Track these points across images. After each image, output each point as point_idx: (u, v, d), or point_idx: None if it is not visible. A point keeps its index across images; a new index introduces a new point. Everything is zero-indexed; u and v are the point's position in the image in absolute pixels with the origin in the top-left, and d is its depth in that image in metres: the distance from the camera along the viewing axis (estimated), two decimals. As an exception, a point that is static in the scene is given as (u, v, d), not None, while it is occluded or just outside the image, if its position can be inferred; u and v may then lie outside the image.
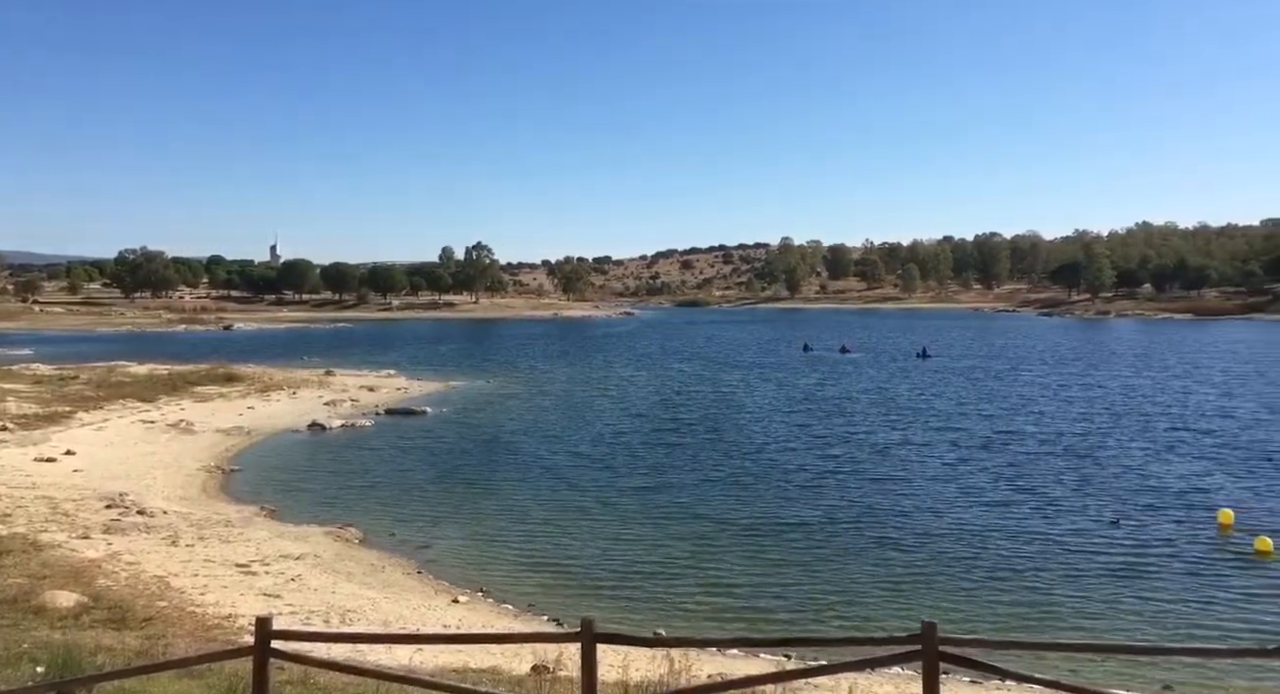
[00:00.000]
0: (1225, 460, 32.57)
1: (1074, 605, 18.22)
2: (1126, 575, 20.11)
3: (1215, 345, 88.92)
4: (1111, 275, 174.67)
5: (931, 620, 7.07)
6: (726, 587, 19.55)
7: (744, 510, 25.77)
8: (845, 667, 8.12)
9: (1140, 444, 35.83)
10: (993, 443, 36.19)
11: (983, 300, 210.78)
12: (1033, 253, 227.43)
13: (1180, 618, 17.54)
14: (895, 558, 21.27)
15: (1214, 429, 39.00)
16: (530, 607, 18.48)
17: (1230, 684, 13.02)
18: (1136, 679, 13.52)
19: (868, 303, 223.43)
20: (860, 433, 38.96)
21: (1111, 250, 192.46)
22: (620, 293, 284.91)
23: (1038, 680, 7.05)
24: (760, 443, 36.74)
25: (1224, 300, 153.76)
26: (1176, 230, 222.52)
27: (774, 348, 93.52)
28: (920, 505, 26.07)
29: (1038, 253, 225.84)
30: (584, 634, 7.26)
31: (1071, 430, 39.01)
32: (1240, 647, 7.94)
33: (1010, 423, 41.05)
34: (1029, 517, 25.07)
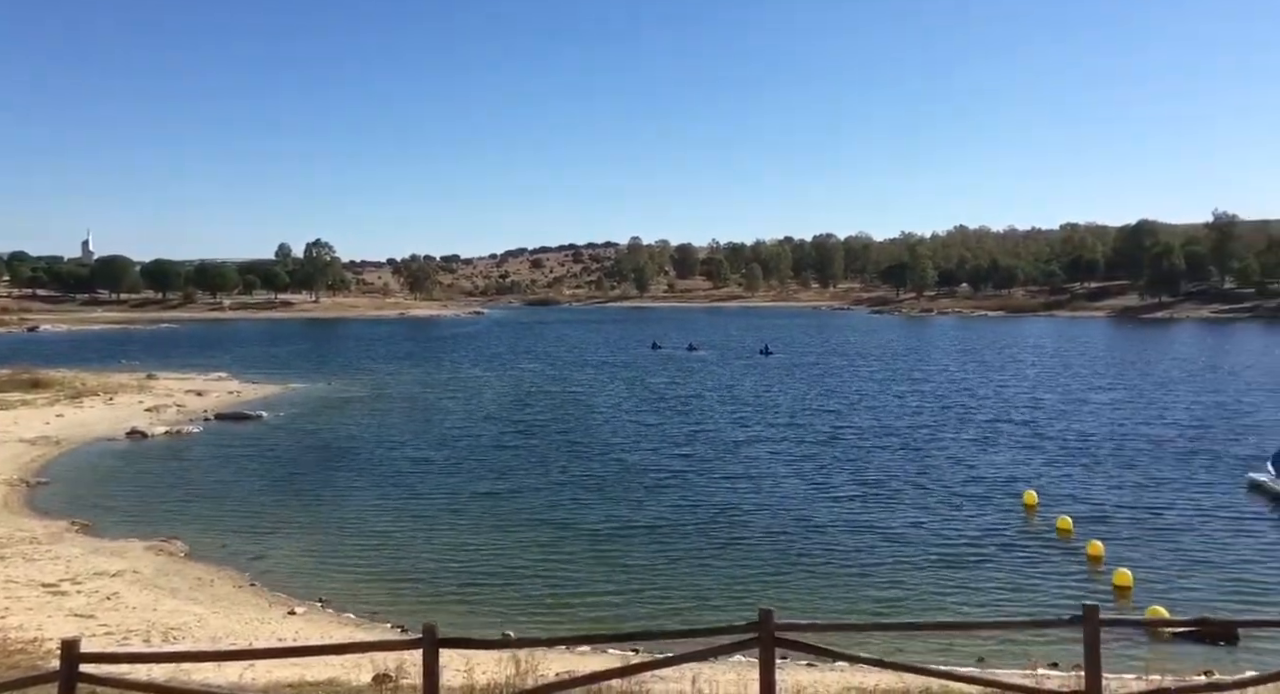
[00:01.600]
0: (1033, 447, 35.50)
1: (901, 588, 19.35)
2: (946, 558, 21.56)
3: (1024, 341, 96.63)
4: (934, 275, 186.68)
5: (769, 608, 7.36)
6: (575, 587, 19.62)
7: (593, 512, 25.90)
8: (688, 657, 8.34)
9: (961, 434, 38.52)
10: (831, 438, 37.92)
11: (820, 299, 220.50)
12: (865, 254, 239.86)
13: (992, 594, 18.97)
14: (740, 552, 21.92)
15: (1025, 419, 42.42)
16: (373, 615, 17.91)
17: (1034, 654, 14.25)
18: (954, 654, 14.53)
19: (714, 301, 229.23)
20: (708, 430, 39.94)
21: (934, 252, 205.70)
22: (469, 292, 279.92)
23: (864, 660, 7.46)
24: (610, 443, 37.01)
25: (1030, 298, 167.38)
26: (989, 233, 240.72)
27: (623, 346, 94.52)
28: (764, 501, 26.97)
29: (869, 254, 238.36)
30: (426, 640, 7.11)
31: (901, 424, 41.44)
32: (1042, 618, 8.66)
33: (847, 418, 43.13)
34: (862, 507, 26.45)
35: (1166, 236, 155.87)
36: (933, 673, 9.13)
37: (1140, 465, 31.51)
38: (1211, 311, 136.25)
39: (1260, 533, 23.53)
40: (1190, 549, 21.95)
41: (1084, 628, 7.68)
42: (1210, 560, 21.11)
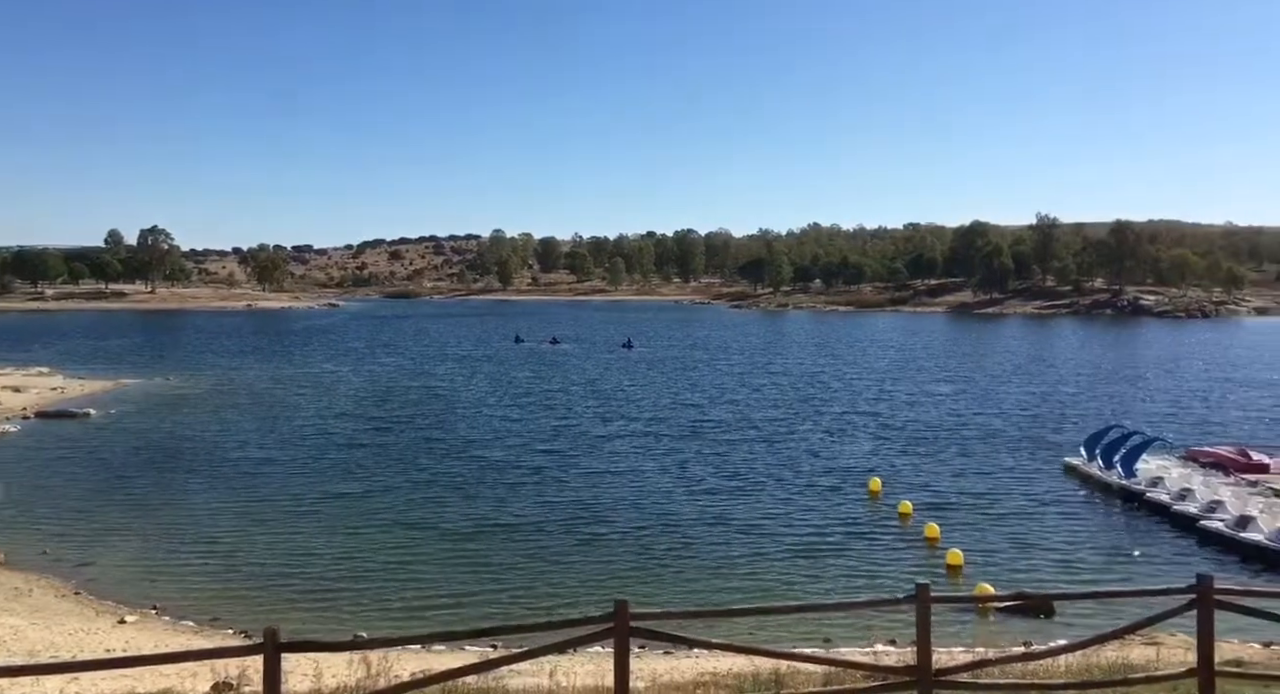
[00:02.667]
0: (879, 436, 37.40)
1: (755, 576, 20.02)
2: (798, 544, 22.44)
3: (872, 335, 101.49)
4: (790, 271, 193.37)
5: (624, 599, 7.45)
6: (434, 587, 19.25)
7: (452, 511, 25.46)
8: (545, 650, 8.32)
9: (814, 426, 40.12)
10: (691, 432, 38.67)
11: (682, 293, 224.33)
12: (725, 250, 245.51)
13: (839, 577, 19.90)
14: (602, 547, 22.07)
15: (872, 410, 44.60)
16: (213, 621, 17.02)
17: (875, 632, 15.08)
18: (803, 635, 15.18)
19: (577, 295, 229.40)
20: (571, 425, 39.95)
21: (789, 249, 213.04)
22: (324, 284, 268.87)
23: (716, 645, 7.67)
24: (471, 440, 36.45)
25: (877, 294, 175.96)
26: (840, 232, 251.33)
27: (486, 340, 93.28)
28: (625, 496, 27.22)
29: (729, 250, 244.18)
30: (266, 645, 6.80)
31: (759, 416, 42.75)
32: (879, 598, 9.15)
33: (707, 412, 44.08)
34: (720, 500, 27.14)
35: (996, 237, 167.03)
36: (782, 655, 9.47)
37: (973, 452, 33.72)
38: (1035, 307, 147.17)
39: (1074, 512, 25.66)
40: (1014, 529, 23.68)
41: (916, 606, 8.15)
42: (1031, 539, 22.85)
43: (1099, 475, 28.34)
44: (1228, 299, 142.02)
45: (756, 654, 8.79)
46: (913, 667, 8.14)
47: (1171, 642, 12.76)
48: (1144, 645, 12.53)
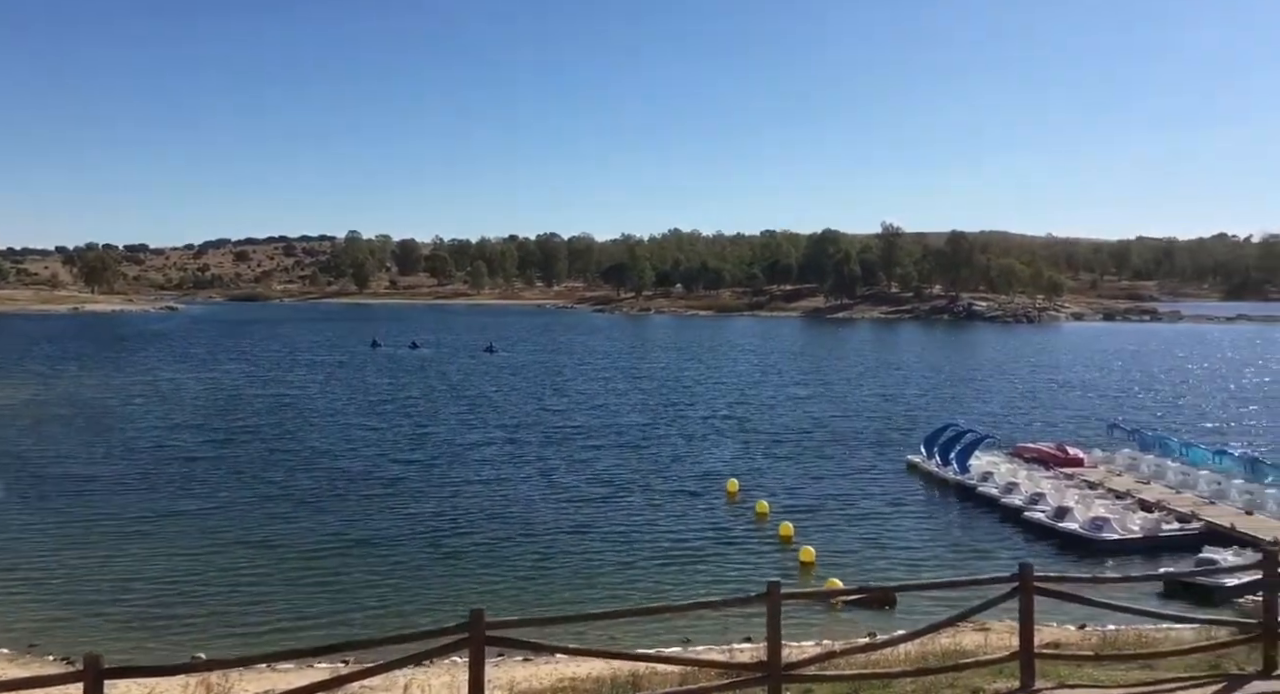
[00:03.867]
0: (738, 438, 38.44)
1: (616, 579, 20.19)
2: (659, 546, 22.79)
3: (731, 339, 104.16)
4: (652, 276, 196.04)
5: (479, 608, 7.37)
6: (279, 606, 18.39)
7: (302, 526, 24.39)
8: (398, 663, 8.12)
9: (676, 429, 40.81)
10: (555, 438, 38.51)
11: (545, 297, 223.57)
12: (588, 254, 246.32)
13: (699, 577, 20.34)
14: (463, 559, 21.63)
15: (731, 413, 45.78)
16: (31, 647, 15.71)
17: (732, 630, 15.51)
18: (664, 637, 15.43)
19: (439, 298, 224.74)
20: (432, 433, 39.07)
21: (651, 254, 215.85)
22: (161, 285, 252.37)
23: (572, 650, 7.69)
24: (324, 451, 35.03)
25: (736, 299, 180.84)
26: (701, 237, 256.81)
27: (341, 345, 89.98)
28: (487, 506, 26.82)
29: (592, 254, 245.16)
30: (87, 672, 6.35)
31: (622, 421, 43.10)
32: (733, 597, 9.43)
33: (571, 417, 44.03)
34: (583, 506, 27.19)
35: (846, 245, 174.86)
36: (639, 657, 9.62)
37: (825, 452, 35.16)
38: (882, 312, 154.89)
39: (915, 507, 27.17)
40: (861, 525, 24.86)
41: (766, 603, 8.45)
42: (877, 534, 24.05)
43: (937, 472, 30.11)
44: (1049, 305, 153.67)
45: (614, 657, 8.90)
46: (764, 662, 8.43)
47: (999, 627, 13.67)
48: (975, 631, 13.39)
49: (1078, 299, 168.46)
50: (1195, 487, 26.08)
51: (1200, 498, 25.26)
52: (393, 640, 8.20)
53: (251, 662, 8.51)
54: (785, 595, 8.67)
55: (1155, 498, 25.40)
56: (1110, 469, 29.52)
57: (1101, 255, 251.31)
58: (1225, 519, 22.90)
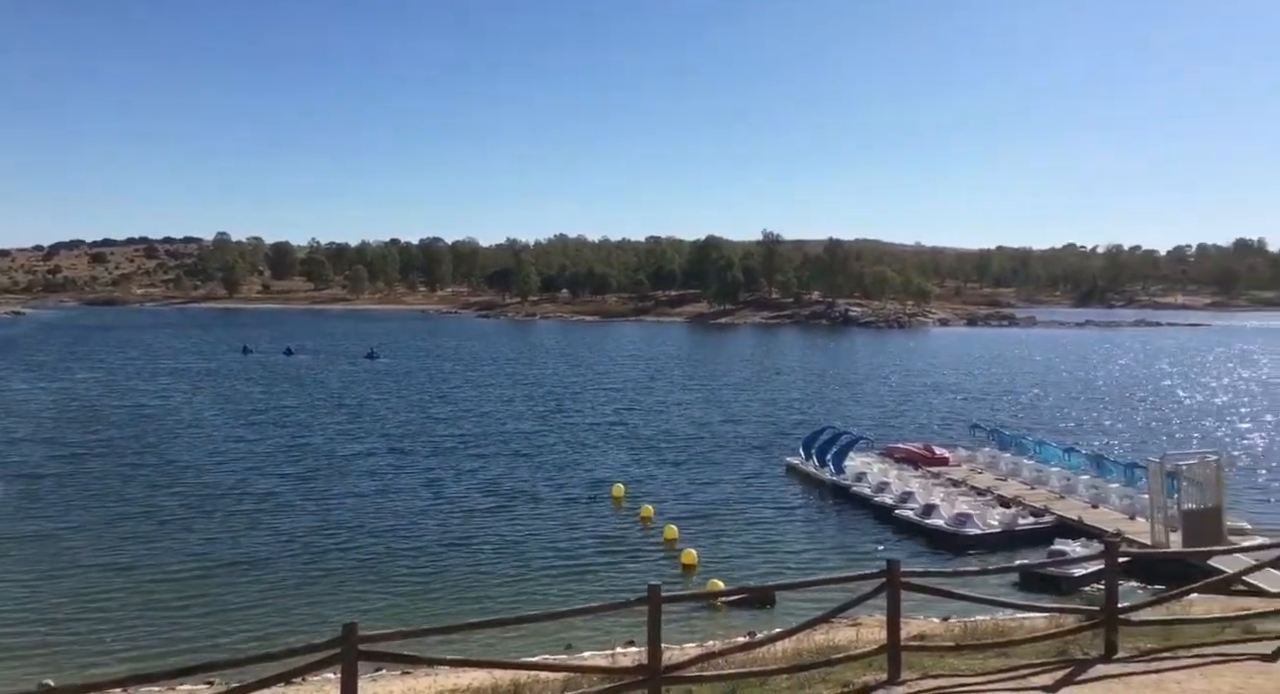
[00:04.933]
0: (624, 444, 38.67)
1: (501, 587, 20.01)
2: (545, 553, 22.71)
3: (617, 345, 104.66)
4: (538, 281, 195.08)
5: (352, 622, 7.20)
6: (138, 630, 17.41)
7: (164, 546, 23.15)
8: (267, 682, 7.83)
9: (562, 435, 40.73)
10: (441, 447, 37.84)
11: (428, 302, 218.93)
12: (472, 258, 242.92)
13: (584, 582, 20.39)
14: (340, 574, 20.98)
15: (618, 419, 46.01)
16: None
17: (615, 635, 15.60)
18: (545, 643, 15.41)
19: (315, 303, 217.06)
20: (308, 444, 37.70)
21: (537, 259, 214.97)
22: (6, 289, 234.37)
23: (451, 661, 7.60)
24: (190, 465, 33.26)
25: (622, 304, 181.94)
26: (587, 242, 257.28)
27: (210, 352, 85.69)
28: (368, 519, 26.07)
29: (476, 258, 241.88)
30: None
31: (509, 429, 42.71)
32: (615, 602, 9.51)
33: (457, 425, 43.30)
34: (467, 515, 26.85)
35: (729, 252, 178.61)
36: (521, 665, 9.57)
37: (708, 456, 35.80)
38: (763, 318, 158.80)
39: (794, 508, 27.99)
40: (743, 526, 25.44)
41: (647, 607, 8.57)
42: (757, 535, 24.66)
43: (815, 473, 31.10)
44: (919, 311, 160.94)
45: (495, 667, 8.83)
46: (644, 665, 8.53)
47: (870, 622, 14.24)
48: (849, 627, 13.93)
49: (944, 305, 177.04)
50: (1047, 483, 27.82)
51: (1052, 493, 26.98)
52: (261, 659, 7.90)
53: (104, 686, 7.96)
54: (665, 598, 8.80)
55: (1012, 494, 26.97)
56: (972, 467, 31.17)
57: (965, 264, 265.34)
58: (1074, 513, 24.54)
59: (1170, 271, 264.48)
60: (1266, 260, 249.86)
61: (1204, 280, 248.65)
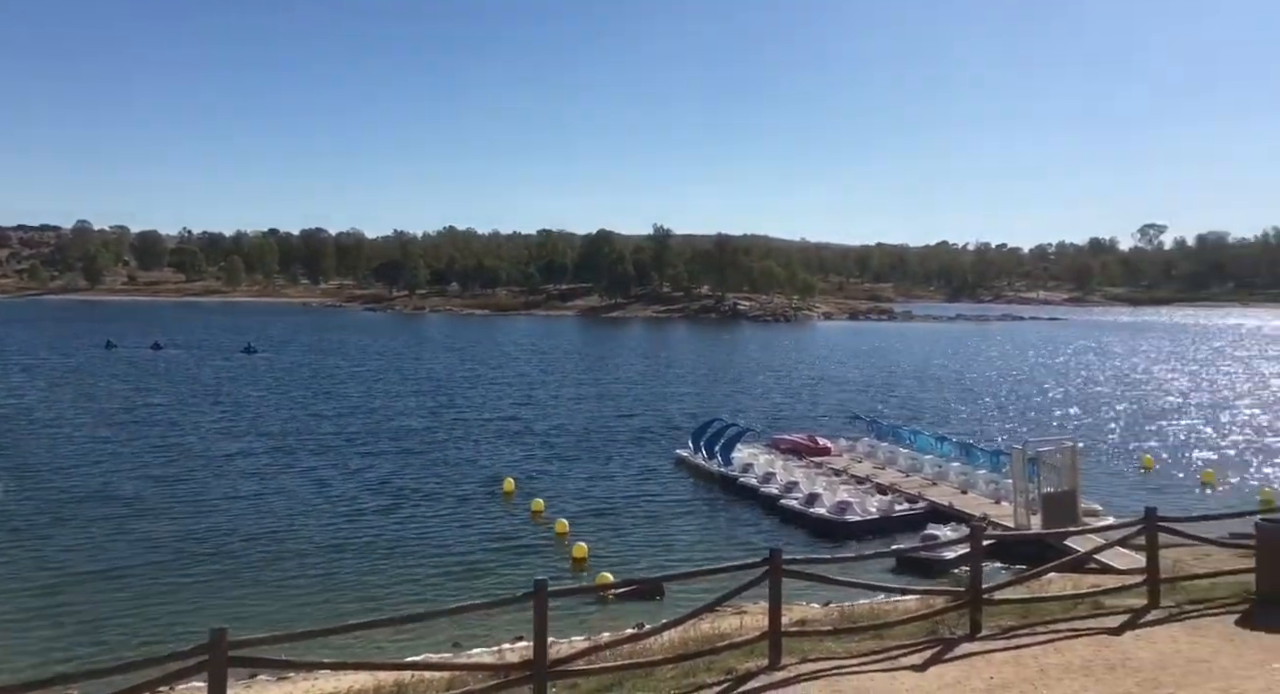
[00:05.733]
0: (514, 438, 38.37)
1: (388, 587, 19.57)
2: (433, 551, 22.33)
3: (508, 339, 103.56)
4: (426, 274, 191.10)
5: (222, 627, 6.94)
6: None
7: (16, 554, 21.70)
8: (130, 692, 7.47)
9: (452, 431, 40.09)
10: (326, 445, 36.66)
11: (311, 295, 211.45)
12: (358, 250, 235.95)
13: (473, 578, 20.17)
14: (216, 580, 20.03)
15: (508, 414, 45.60)
16: None
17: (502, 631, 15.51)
18: (431, 642, 15.17)
19: (187, 296, 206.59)
20: (180, 444, 35.84)
21: (426, 251, 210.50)
22: None
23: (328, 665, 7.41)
24: (48, 468, 31.19)
25: (513, 298, 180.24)
26: (477, 236, 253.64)
27: (68, 347, 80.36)
28: (247, 522, 24.98)
29: (361, 250, 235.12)
30: None
31: (398, 425, 41.73)
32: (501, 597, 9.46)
33: (342, 422, 41.96)
34: (354, 514, 26.11)
35: (620, 246, 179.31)
36: (404, 666, 9.42)
37: (599, 449, 35.91)
38: (654, 311, 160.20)
39: (683, 500, 28.38)
40: (633, 519, 25.65)
41: (534, 601, 8.57)
42: (647, 527, 24.90)
43: (703, 465, 31.61)
44: (804, 305, 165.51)
45: (376, 668, 8.67)
46: (529, 661, 8.53)
47: (755, 610, 14.59)
48: (734, 615, 14.22)
49: (827, 300, 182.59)
50: (921, 471, 29.12)
51: (925, 480, 28.25)
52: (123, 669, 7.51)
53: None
54: (553, 593, 8.83)
55: (889, 482, 28.11)
56: (853, 457, 32.31)
57: (847, 260, 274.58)
58: (945, 499, 25.78)
59: (1033, 269, 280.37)
60: (1117, 259, 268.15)
61: (1062, 277, 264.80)
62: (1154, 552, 11.86)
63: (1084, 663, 9.69)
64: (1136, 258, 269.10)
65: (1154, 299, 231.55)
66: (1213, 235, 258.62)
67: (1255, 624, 10.83)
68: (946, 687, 9.06)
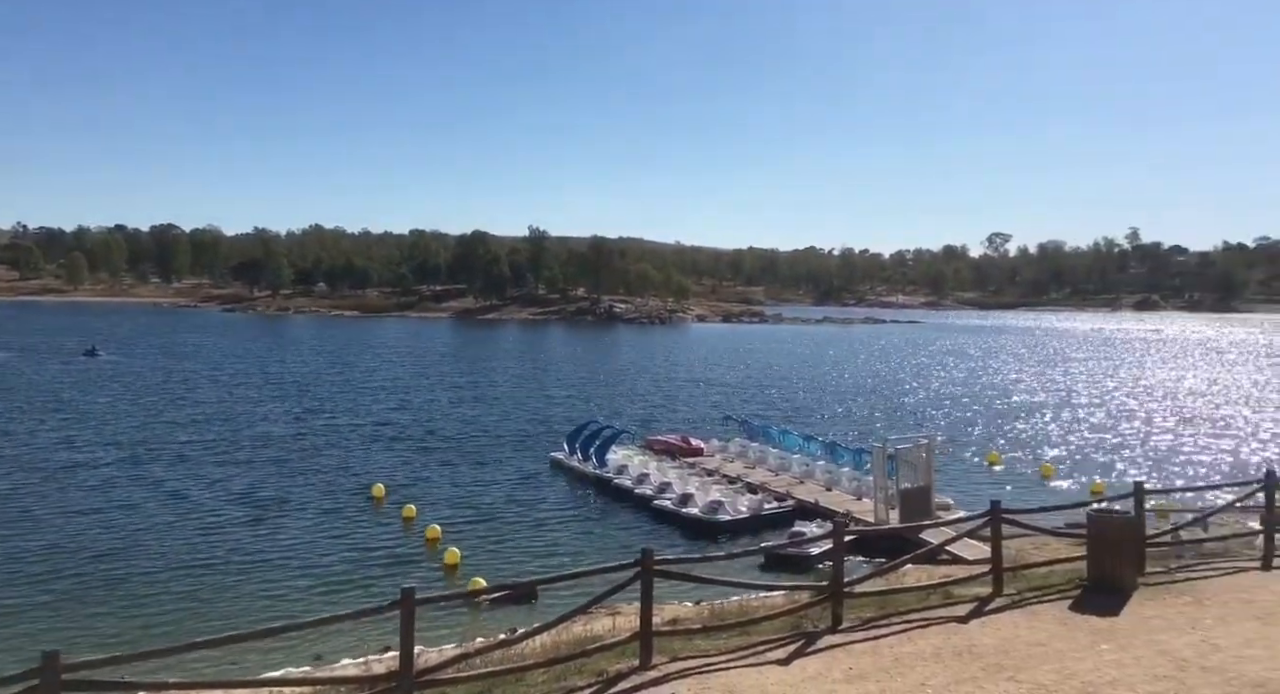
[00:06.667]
0: (385, 443, 37.33)
1: (250, 602, 18.70)
2: (297, 562, 21.48)
3: (380, 341, 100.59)
4: (291, 274, 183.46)
5: (55, 650, 6.50)
6: None
7: None
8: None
9: (318, 435, 38.65)
10: (181, 454, 34.70)
11: (163, 295, 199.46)
12: (215, 248, 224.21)
13: (340, 588, 19.52)
14: (47, 600, 18.69)
15: (378, 417, 44.31)
16: None
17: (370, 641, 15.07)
18: (295, 658, 14.59)
19: (21, 295, 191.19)
20: (12, 456, 33.14)
21: (290, 250, 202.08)
22: None
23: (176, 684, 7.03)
24: None
25: (384, 299, 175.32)
26: (345, 234, 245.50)
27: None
28: (91, 540, 23.46)
29: (220, 249, 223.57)
30: None
31: (260, 432, 39.88)
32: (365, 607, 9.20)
33: (201, 430, 39.75)
34: (214, 527, 24.83)
35: (495, 247, 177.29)
36: (263, 682, 9.04)
37: (474, 453, 35.40)
38: (530, 314, 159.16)
39: (558, 502, 28.33)
40: (508, 522, 25.42)
41: (401, 610, 8.39)
42: (522, 530, 24.74)
43: (579, 467, 31.65)
44: (679, 308, 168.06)
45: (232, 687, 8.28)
46: (395, 672, 8.34)
47: (628, 610, 14.73)
48: (607, 616, 14.32)
49: (701, 302, 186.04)
50: (790, 469, 30.07)
51: (793, 479, 29.20)
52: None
53: None
54: (420, 601, 8.65)
55: (760, 481, 28.90)
56: (724, 457, 33.04)
57: (720, 264, 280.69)
58: (811, 496, 26.71)
59: (893, 273, 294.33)
60: (968, 265, 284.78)
61: (920, 282, 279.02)
62: (998, 542, 12.65)
63: (935, 650, 10.24)
64: (985, 264, 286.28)
65: (1001, 303, 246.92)
66: (1051, 244, 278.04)
67: (1086, 608, 11.71)
68: (808, 679, 9.40)
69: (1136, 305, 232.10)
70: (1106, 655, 10.03)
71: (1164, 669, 9.63)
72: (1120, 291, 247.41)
